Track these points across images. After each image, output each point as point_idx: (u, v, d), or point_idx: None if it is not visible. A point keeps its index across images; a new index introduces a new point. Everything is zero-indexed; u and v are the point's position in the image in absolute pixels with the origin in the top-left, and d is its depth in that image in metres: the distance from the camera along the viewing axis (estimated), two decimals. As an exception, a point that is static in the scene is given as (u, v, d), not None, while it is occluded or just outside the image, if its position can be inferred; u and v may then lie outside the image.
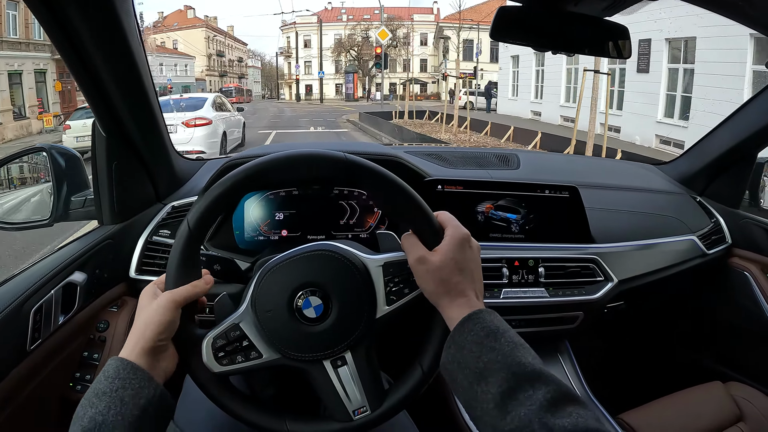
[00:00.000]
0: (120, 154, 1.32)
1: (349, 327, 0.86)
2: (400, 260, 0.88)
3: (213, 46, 58.02)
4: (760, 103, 1.72)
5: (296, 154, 0.84)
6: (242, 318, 0.85)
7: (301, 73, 55.90)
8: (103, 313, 1.30)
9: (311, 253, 0.88)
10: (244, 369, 0.85)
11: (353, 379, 0.87)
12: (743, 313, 1.85)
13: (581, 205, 1.62)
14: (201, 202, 0.83)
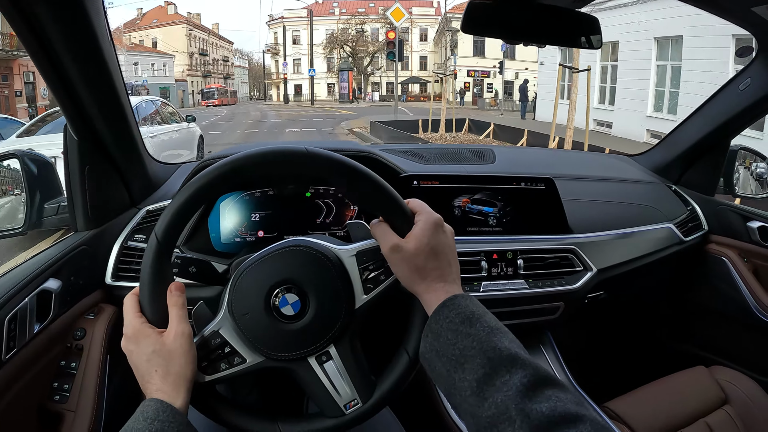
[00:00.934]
0: (92, 158, 1.30)
1: (330, 320, 0.85)
2: (373, 248, 0.88)
3: (195, 45, 55.14)
4: (729, 92, 1.75)
5: (253, 153, 0.83)
6: (221, 324, 0.84)
7: (289, 72, 52.13)
8: (80, 321, 1.27)
9: (283, 250, 0.87)
10: (229, 375, 0.84)
11: (340, 372, 0.87)
12: (723, 298, 1.88)
13: (557, 196, 1.63)
14: (166, 213, 0.82)
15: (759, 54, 1.60)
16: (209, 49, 57.48)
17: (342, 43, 50.26)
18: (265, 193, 1.40)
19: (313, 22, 48.27)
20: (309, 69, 47.90)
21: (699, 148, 1.93)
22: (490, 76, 38.58)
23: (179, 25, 52.46)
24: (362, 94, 49.02)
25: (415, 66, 51.84)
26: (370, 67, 49.12)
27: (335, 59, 51.43)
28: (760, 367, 1.78)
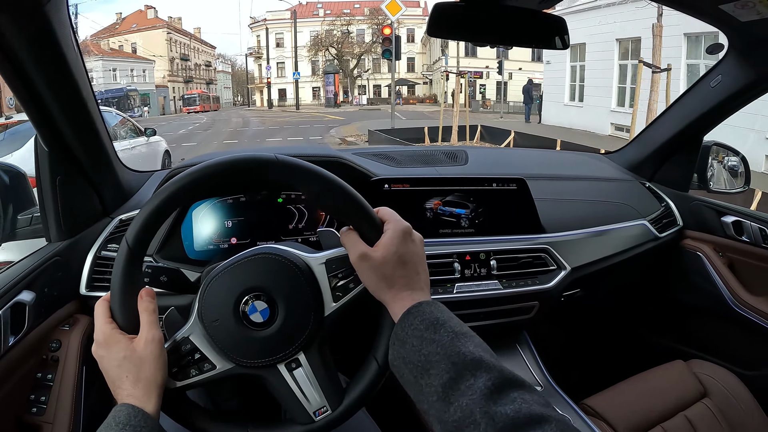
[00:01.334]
0: (64, 168, 1.29)
1: (299, 328, 0.86)
2: (343, 256, 0.89)
3: (176, 49, 53.43)
4: (701, 89, 1.78)
5: (222, 161, 0.84)
6: (191, 330, 0.85)
7: (273, 76, 50.23)
8: (55, 333, 1.27)
9: (252, 258, 0.88)
10: (200, 382, 0.85)
11: (310, 380, 0.87)
12: (699, 293, 1.90)
13: (530, 196, 1.64)
14: (136, 220, 0.83)
15: (729, 51, 1.62)
16: (191, 53, 55.97)
17: (327, 45, 49.06)
18: (237, 199, 1.40)
19: (297, 23, 46.87)
20: (293, 72, 46.05)
21: (672, 145, 1.95)
22: (483, 77, 37.88)
23: (159, 30, 51.18)
24: (349, 98, 47.79)
25: (403, 68, 50.40)
26: (357, 70, 48.13)
27: (320, 62, 50.11)
28: (737, 360, 1.80)
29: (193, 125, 27.91)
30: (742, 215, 1.80)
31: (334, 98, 44.11)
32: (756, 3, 1.22)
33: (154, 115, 33.58)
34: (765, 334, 1.69)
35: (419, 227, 1.49)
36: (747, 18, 1.31)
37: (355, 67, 47.45)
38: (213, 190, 1.19)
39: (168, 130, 23.50)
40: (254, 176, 0.86)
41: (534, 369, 1.61)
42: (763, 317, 1.70)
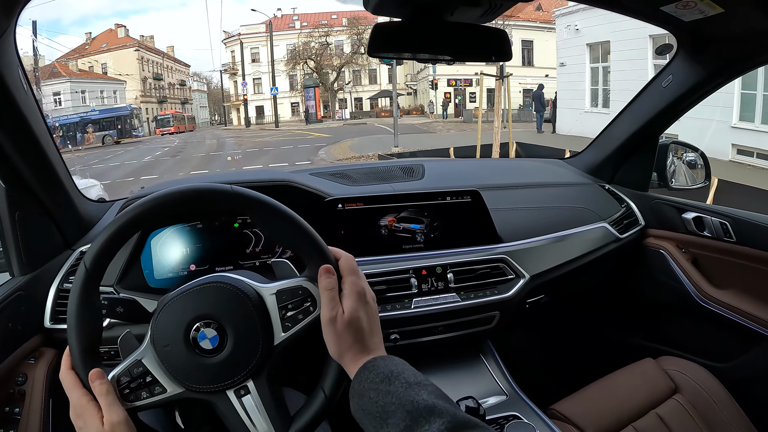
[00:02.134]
0: (21, 203, 1.30)
1: (247, 356, 0.87)
2: (293, 287, 0.90)
3: (149, 69, 51.25)
4: (653, 89, 1.81)
5: (172, 192, 0.88)
6: (144, 354, 0.86)
7: (249, 93, 47.69)
8: (21, 367, 1.27)
9: (204, 286, 0.89)
10: (150, 404, 0.85)
11: (257, 407, 0.88)
12: (664, 289, 1.92)
13: (485, 207, 1.65)
14: (94, 244, 0.85)
15: (678, 51, 1.65)
16: (164, 73, 53.79)
17: (306, 58, 46.25)
18: (195, 226, 1.41)
19: (273, 36, 44.41)
20: (271, 88, 43.62)
21: (629, 146, 1.98)
22: (472, 84, 36.45)
23: (130, 49, 49.38)
24: (330, 112, 45.97)
25: (384, 79, 48.30)
26: (337, 83, 46.45)
27: (298, 76, 47.97)
28: (707, 354, 1.82)
29: (162, 150, 25.91)
30: (702, 211, 1.82)
31: (315, 114, 42.62)
32: (697, 2, 1.23)
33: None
34: (732, 326, 1.71)
35: (373, 245, 1.49)
36: (690, 18, 1.34)
37: (335, 80, 46.04)
38: (167, 218, 1.20)
39: (133, 157, 22.77)
40: (207, 206, 0.92)
41: (499, 378, 1.60)
42: (729, 310, 1.72)
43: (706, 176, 2.01)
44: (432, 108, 36.35)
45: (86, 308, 0.84)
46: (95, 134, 32.84)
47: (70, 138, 31.85)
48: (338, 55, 45.55)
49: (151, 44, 52.20)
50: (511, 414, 1.40)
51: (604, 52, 17.17)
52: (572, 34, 18.49)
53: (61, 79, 39.47)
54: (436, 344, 1.57)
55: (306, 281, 0.91)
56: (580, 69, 18.44)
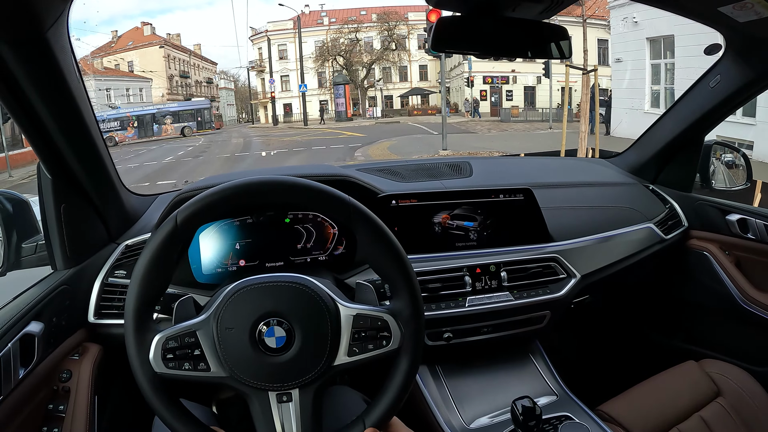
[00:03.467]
0: (68, 195, 1.29)
1: (306, 367, 0.86)
2: (375, 316, 0.89)
3: (175, 66, 50.43)
4: (700, 89, 1.79)
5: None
6: (201, 327, 0.85)
7: (277, 90, 45.78)
8: (65, 363, 1.26)
9: (288, 284, 0.88)
10: (188, 378, 0.85)
11: (294, 417, 0.87)
12: (708, 292, 1.90)
13: (536, 205, 1.65)
14: (191, 203, 0.85)
15: (727, 51, 1.63)
16: (191, 70, 53.13)
17: (334, 55, 44.95)
18: (244, 221, 1.41)
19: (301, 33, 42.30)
20: (299, 85, 41.34)
21: (674, 147, 1.97)
22: (509, 82, 35.47)
23: (156, 47, 48.85)
24: (360, 111, 44.54)
25: (415, 77, 46.51)
26: (367, 80, 45.12)
27: (327, 73, 46.39)
28: (749, 358, 1.79)
29: (185, 150, 24.51)
30: (746, 213, 1.81)
31: (345, 111, 40.58)
32: (754, 3, 1.22)
33: (150, 136, 33.32)
34: None
35: (428, 242, 1.50)
36: (745, 18, 1.32)
37: (365, 77, 44.96)
38: (263, 206, 1.23)
39: (153, 157, 21.82)
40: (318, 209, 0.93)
41: (548, 378, 1.61)
42: None
43: (747, 177, 1.99)
44: (468, 106, 35.02)
45: (159, 263, 0.85)
46: (173, 126, 34.15)
47: (145, 129, 33.09)
48: (368, 52, 44.51)
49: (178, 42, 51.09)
50: (564, 414, 1.41)
51: (666, 47, 15.44)
52: (630, 27, 16.78)
53: (86, 77, 38.99)
54: (487, 343, 1.58)
55: (388, 314, 0.90)
56: (639, 66, 16.54)
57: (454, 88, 39.74)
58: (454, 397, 1.51)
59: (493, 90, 35.89)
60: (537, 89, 34.08)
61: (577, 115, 13.92)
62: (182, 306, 0.92)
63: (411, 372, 0.90)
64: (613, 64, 18.83)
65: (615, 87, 18.64)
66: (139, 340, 0.84)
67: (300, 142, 24.07)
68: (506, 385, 1.56)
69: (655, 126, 2.04)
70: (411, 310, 0.90)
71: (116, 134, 31.37)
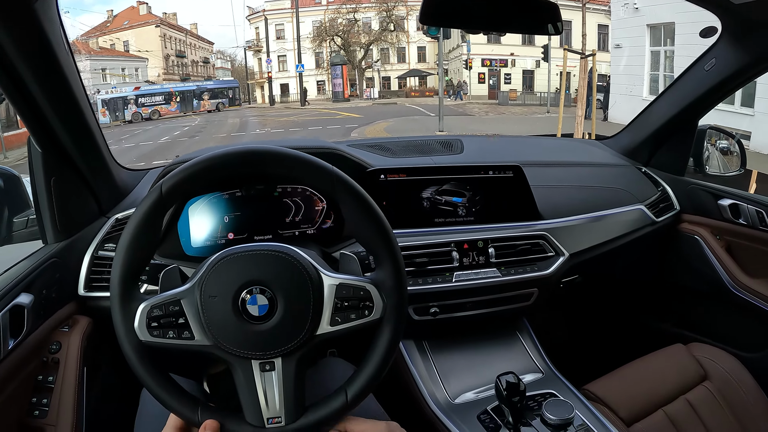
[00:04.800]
0: (58, 168, 1.29)
1: (288, 335, 0.85)
2: (356, 285, 0.89)
3: (171, 46, 49.65)
4: (695, 73, 1.78)
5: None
6: (185, 295, 0.85)
7: (274, 71, 45.52)
8: (55, 334, 1.27)
9: (271, 253, 0.87)
10: (172, 346, 0.84)
11: (277, 386, 0.87)
12: (698, 276, 1.91)
13: (526, 183, 1.65)
14: (176, 172, 0.85)
15: (723, 34, 1.62)
16: (187, 50, 52.23)
17: (332, 35, 44.10)
18: (233, 194, 1.40)
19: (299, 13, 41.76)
20: (296, 65, 40.88)
21: (667, 130, 1.96)
22: (508, 65, 34.91)
23: (152, 26, 47.98)
24: (357, 91, 43.77)
25: (413, 58, 46.00)
26: (365, 61, 44.39)
27: (324, 53, 45.68)
28: (737, 343, 1.81)
29: (181, 130, 24.24)
30: (738, 198, 1.81)
31: (342, 92, 40.01)
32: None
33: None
34: (764, 316, 1.71)
35: (415, 216, 1.50)
36: (741, 0, 1.32)
37: (363, 57, 44.20)
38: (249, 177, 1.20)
39: (150, 137, 21.50)
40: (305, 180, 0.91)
41: (535, 356, 1.62)
42: (761, 299, 1.71)
43: (741, 164, 1.98)
44: (465, 88, 34.67)
45: (144, 231, 0.85)
46: (210, 101, 35.81)
47: (186, 104, 34.73)
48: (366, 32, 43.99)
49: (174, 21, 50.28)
50: (548, 392, 1.41)
51: (667, 34, 15.38)
52: (630, 13, 16.69)
53: (81, 57, 38.44)
54: (474, 320, 1.58)
55: (371, 284, 0.90)
56: (639, 52, 16.51)
57: (452, 70, 39.33)
58: (440, 372, 1.52)
59: (492, 73, 35.44)
60: (536, 73, 33.51)
61: (575, 100, 13.92)
62: (168, 276, 0.92)
63: (393, 343, 0.90)
64: (612, 49, 18.81)
65: (614, 73, 18.56)
66: (125, 309, 0.84)
67: (297, 122, 24.02)
68: (492, 361, 1.57)
69: (649, 108, 2.04)
70: (394, 281, 0.90)
71: (160, 108, 32.89)
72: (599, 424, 1.30)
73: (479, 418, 1.33)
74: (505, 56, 34.38)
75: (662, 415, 1.48)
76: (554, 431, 1.20)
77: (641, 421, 1.46)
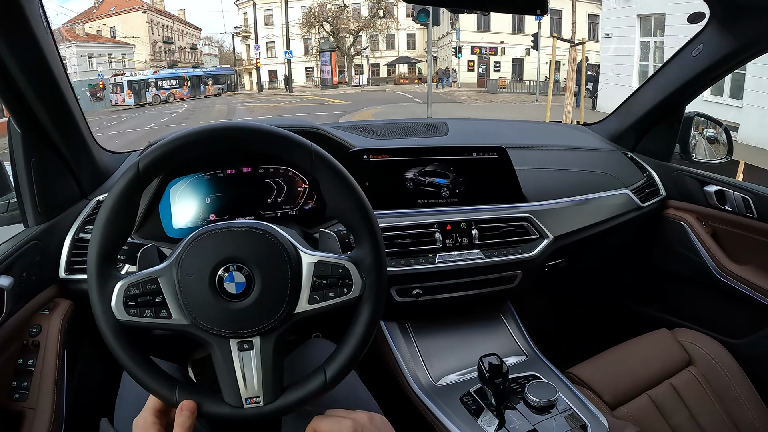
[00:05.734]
0: (38, 150, 1.28)
1: (266, 314, 0.84)
2: (336, 263, 0.88)
3: (158, 32, 48.84)
4: (682, 58, 1.78)
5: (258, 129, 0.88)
6: (162, 273, 0.84)
7: (262, 57, 44.81)
8: (35, 317, 1.26)
9: (248, 230, 0.86)
10: (150, 325, 0.84)
11: (255, 365, 0.86)
12: (683, 261, 1.92)
13: (510, 165, 1.65)
14: (153, 149, 0.84)
15: (711, 20, 1.62)
16: (174, 36, 51.46)
17: (321, 21, 43.97)
18: (215, 175, 1.39)
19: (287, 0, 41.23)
20: (285, 51, 39.69)
21: (654, 115, 1.96)
22: (497, 53, 34.82)
23: (139, 12, 47.24)
24: (345, 78, 44.01)
25: (402, 45, 45.43)
26: (354, 47, 44.26)
27: (313, 40, 45.31)
28: (721, 329, 1.82)
29: (168, 117, 23.61)
30: (724, 184, 1.81)
31: (331, 79, 40.44)
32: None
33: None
34: (748, 302, 1.71)
35: (399, 198, 1.50)
36: None
37: (352, 44, 44.08)
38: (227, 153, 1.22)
39: (137, 124, 21.12)
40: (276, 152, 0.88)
41: (519, 338, 1.62)
42: (746, 285, 1.72)
43: (728, 152, 1.98)
44: (455, 76, 34.65)
45: (121, 210, 0.84)
46: (213, 87, 37.52)
47: (195, 88, 36.09)
48: (355, 19, 43.85)
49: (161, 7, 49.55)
50: (532, 374, 1.41)
51: (657, 25, 15.33)
52: (621, 3, 16.64)
53: (67, 44, 38.63)
54: (458, 301, 1.58)
55: (350, 262, 0.89)
56: (629, 42, 16.40)
57: (442, 57, 39.30)
58: (422, 354, 1.52)
59: (481, 61, 35.45)
60: (525, 61, 33.59)
61: (564, 88, 14.08)
62: (145, 255, 0.91)
63: (372, 321, 0.90)
64: (602, 39, 18.78)
65: (603, 62, 18.51)
66: (102, 288, 0.83)
67: (285, 108, 23.79)
68: (476, 343, 1.57)
69: (636, 94, 2.04)
70: (373, 258, 0.89)
71: (175, 91, 33.96)
72: (583, 407, 1.30)
73: (462, 400, 1.33)
74: (494, 44, 34.36)
75: (646, 399, 1.49)
76: (537, 413, 1.21)
77: (625, 404, 1.47)
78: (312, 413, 0.88)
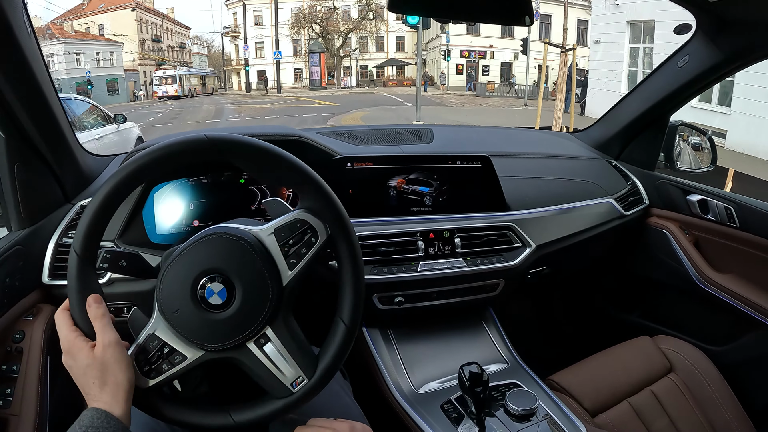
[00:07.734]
0: (21, 154, 1.27)
1: (260, 303, 0.85)
2: (291, 221, 0.89)
3: (147, 30, 48.43)
4: (668, 69, 1.79)
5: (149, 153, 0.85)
6: (156, 326, 0.84)
7: (251, 57, 45.31)
8: (18, 323, 1.25)
9: (202, 240, 0.87)
10: (174, 375, 0.84)
11: (281, 352, 0.87)
12: (665, 270, 1.93)
13: (494, 174, 1.65)
14: (80, 227, 0.83)
15: (697, 32, 1.64)
16: (163, 35, 51.07)
17: (311, 22, 44.19)
18: (199, 181, 1.39)
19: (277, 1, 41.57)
20: (274, 52, 39.88)
21: (639, 124, 1.97)
22: (486, 57, 35.63)
23: (128, 9, 46.69)
24: (334, 80, 44.34)
25: (392, 47, 46.07)
26: (343, 49, 44.74)
27: (303, 41, 45.65)
28: (703, 336, 1.84)
29: (156, 116, 23.39)
30: (707, 194, 1.82)
31: (320, 80, 40.87)
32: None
33: (123, 101, 34.69)
34: (729, 310, 1.72)
35: (382, 206, 1.50)
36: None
37: (341, 46, 44.47)
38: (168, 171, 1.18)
39: None
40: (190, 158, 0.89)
41: (500, 346, 1.62)
42: (727, 294, 1.73)
43: (712, 160, 2.00)
44: (443, 79, 35.04)
45: (86, 287, 0.84)
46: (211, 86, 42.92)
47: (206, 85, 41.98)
48: (345, 21, 44.01)
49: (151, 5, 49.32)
50: (513, 382, 1.41)
51: (646, 31, 15.36)
52: (611, 9, 16.55)
53: (55, 41, 38.17)
54: (440, 309, 1.58)
55: (303, 213, 0.90)
56: (618, 48, 16.40)
57: (431, 60, 39.60)
58: (404, 362, 1.51)
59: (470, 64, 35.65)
60: (514, 65, 33.98)
61: (553, 93, 14.46)
62: (134, 320, 0.91)
63: (354, 249, 0.92)
64: (591, 45, 18.73)
65: (592, 67, 18.62)
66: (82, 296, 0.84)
67: (273, 110, 23.86)
68: (458, 351, 1.57)
69: (621, 103, 2.06)
70: (322, 201, 0.90)
71: (197, 87, 39.23)
72: (562, 414, 1.30)
73: (443, 408, 1.33)
74: (484, 48, 34.68)
75: (627, 406, 1.50)
76: (517, 421, 1.21)
77: (606, 411, 1.47)
78: (296, 422, 0.89)
